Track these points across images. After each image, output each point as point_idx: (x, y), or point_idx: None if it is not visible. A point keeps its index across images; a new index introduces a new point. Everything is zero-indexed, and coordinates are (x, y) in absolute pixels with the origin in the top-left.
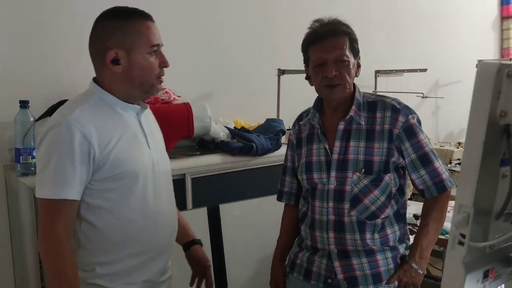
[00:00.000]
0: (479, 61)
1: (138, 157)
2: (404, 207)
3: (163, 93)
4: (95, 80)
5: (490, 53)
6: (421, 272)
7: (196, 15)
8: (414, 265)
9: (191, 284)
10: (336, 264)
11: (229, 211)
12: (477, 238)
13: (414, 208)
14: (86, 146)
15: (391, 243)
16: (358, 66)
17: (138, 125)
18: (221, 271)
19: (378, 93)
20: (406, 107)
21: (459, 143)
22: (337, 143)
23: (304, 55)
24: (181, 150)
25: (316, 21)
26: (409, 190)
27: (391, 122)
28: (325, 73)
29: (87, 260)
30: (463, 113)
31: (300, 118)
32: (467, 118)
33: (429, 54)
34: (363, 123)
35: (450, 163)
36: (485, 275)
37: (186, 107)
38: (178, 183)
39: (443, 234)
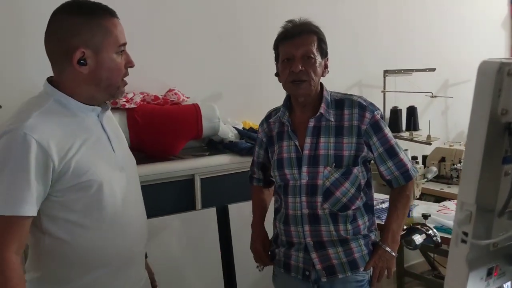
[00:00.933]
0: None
1: (102, 163)
2: (372, 199)
3: (173, 94)
4: (50, 81)
5: (501, 52)
6: (394, 255)
7: (206, 16)
8: (387, 248)
9: None
10: (313, 255)
11: (237, 211)
12: (480, 235)
13: (423, 207)
14: (43, 157)
15: (362, 232)
16: (326, 66)
17: (101, 128)
18: (230, 271)
19: (389, 92)
20: (371, 104)
21: None
22: (308, 140)
23: (275, 52)
24: (190, 150)
25: (289, 21)
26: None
27: (359, 119)
28: (291, 68)
29: (53, 277)
30: None
31: (269, 116)
32: None
33: (439, 53)
34: (332, 119)
35: (460, 162)
36: (489, 273)
37: (195, 108)
38: (187, 183)
39: (449, 233)
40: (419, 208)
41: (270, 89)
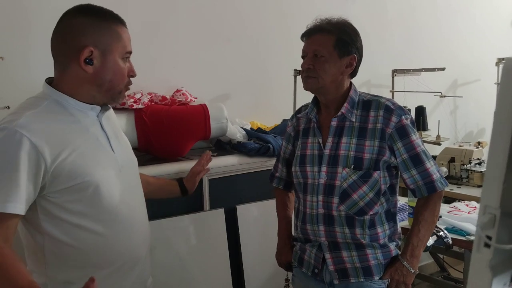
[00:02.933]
0: (499, 59)
1: (99, 164)
2: (395, 206)
3: (180, 95)
4: (49, 82)
5: (510, 51)
6: (412, 271)
7: (213, 16)
8: (405, 263)
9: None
10: (327, 255)
11: (246, 212)
12: (504, 240)
13: None
14: (35, 156)
15: (381, 241)
16: (349, 65)
17: (99, 127)
18: (238, 271)
19: (398, 92)
20: (400, 107)
21: (479, 143)
22: (330, 139)
23: None
24: (198, 151)
25: (316, 19)
26: None
27: (384, 122)
28: (301, 65)
29: (55, 278)
30: (483, 112)
31: (299, 111)
32: (486, 117)
33: (448, 52)
34: (354, 120)
35: (470, 163)
36: None
37: (203, 108)
38: None
39: (464, 235)
40: None
41: (278, 89)
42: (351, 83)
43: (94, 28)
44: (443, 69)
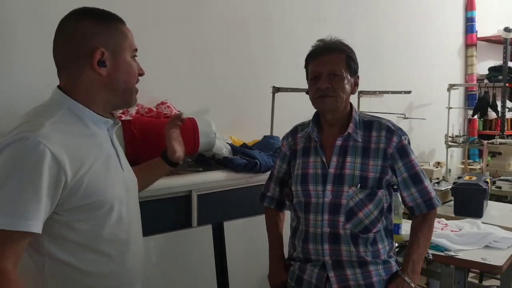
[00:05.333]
0: (450, 85)
1: (113, 182)
2: (391, 223)
3: (165, 107)
4: (60, 88)
5: (458, 78)
6: (413, 286)
7: (195, 31)
8: (406, 278)
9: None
10: (331, 274)
11: (232, 228)
12: None
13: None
14: (56, 170)
15: (382, 257)
16: (355, 84)
17: (110, 143)
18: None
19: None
20: (400, 129)
21: (438, 163)
22: (334, 158)
23: (306, 71)
24: (182, 165)
25: (319, 40)
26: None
27: (386, 142)
28: (318, 85)
29: None
30: (434, 135)
31: (295, 130)
32: (437, 139)
33: (406, 77)
34: (359, 140)
35: (430, 181)
36: None
37: (192, 123)
38: (183, 200)
39: (442, 251)
40: (405, 227)
41: (257, 106)
42: (351, 103)
43: (100, 29)
44: (409, 92)
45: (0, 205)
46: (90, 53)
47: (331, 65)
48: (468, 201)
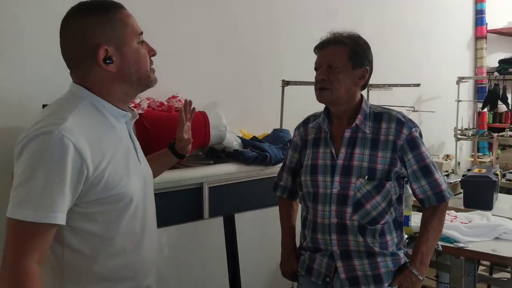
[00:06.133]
0: (459, 78)
1: (132, 175)
2: (402, 215)
3: (176, 101)
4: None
5: (467, 71)
6: (421, 278)
7: (205, 26)
8: (414, 270)
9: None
10: (339, 264)
11: (244, 220)
12: None
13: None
14: (79, 162)
15: (390, 249)
16: (361, 77)
17: (128, 136)
18: (235, 280)
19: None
20: (410, 120)
21: (447, 156)
22: (343, 150)
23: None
24: (191, 158)
25: (329, 32)
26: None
27: (396, 134)
28: (315, 76)
29: None
30: (443, 128)
31: (307, 121)
32: (447, 132)
33: (415, 70)
34: (367, 131)
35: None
36: None
37: (203, 116)
38: (195, 192)
39: (451, 242)
40: (415, 218)
41: (266, 99)
42: (362, 95)
43: (99, 24)
44: (418, 85)
45: (27, 198)
46: (94, 53)
47: (329, 57)
48: (478, 193)
